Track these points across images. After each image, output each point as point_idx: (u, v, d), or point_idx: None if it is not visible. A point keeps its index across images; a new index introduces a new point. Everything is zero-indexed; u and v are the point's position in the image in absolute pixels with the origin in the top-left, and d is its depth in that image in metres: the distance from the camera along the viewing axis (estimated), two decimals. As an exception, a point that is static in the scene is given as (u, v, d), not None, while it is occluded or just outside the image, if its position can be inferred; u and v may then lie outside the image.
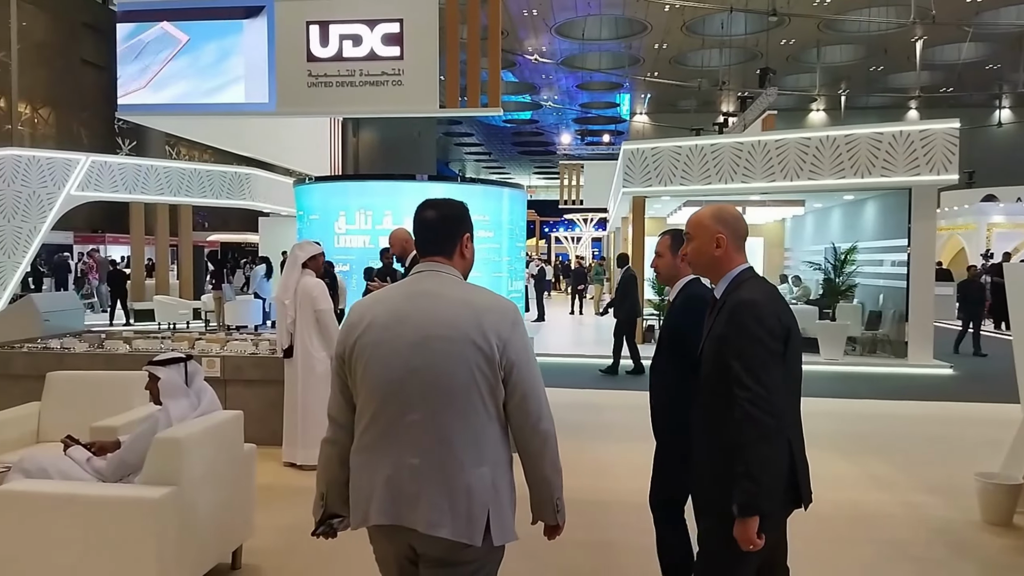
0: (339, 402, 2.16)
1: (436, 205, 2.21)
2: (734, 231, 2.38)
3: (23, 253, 13.94)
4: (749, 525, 2.11)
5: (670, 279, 3.20)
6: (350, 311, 2.15)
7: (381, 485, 2.00)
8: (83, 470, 3.52)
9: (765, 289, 2.31)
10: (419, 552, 2.01)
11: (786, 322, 2.24)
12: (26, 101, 25.19)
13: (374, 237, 10.60)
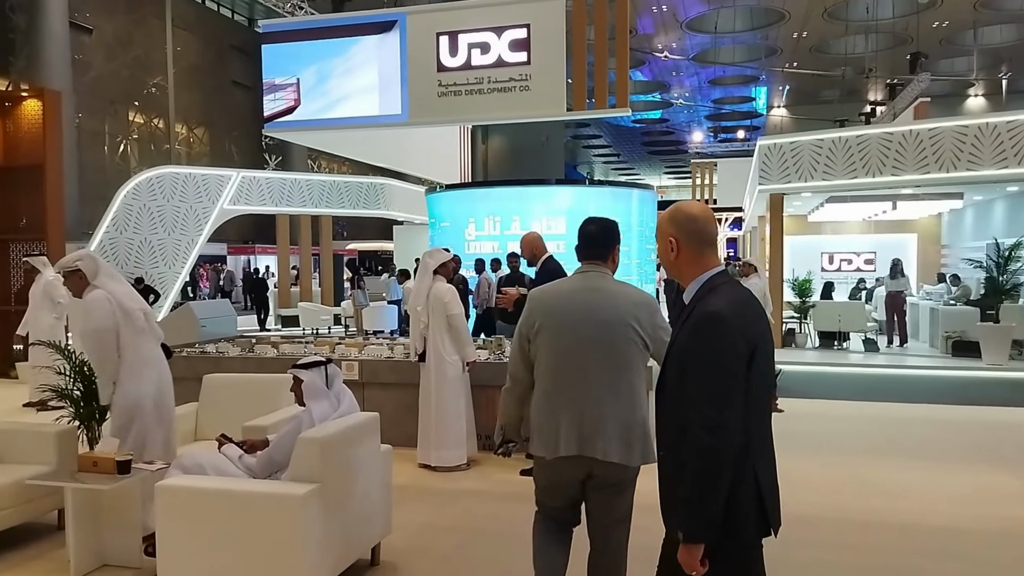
0: (519, 364, 2.98)
1: (597, 222, 2.99)
2: (689, 232, 2.17)
3: (182, 263, 15.12)
4: (692, 552, 1.98)
5: None
6: (530, 298, 2.97)
7: (565, 426, 2.79)
8: (236, 467, 3.71)
9: (734, 299, 2.10)
10: (594, 475, 2.81)
11: (752, 337, 2.04)
12: (182, 122, 27.38)
13: (503, 242, 10.68)
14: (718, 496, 1.97)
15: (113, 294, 4.09)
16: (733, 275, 11.90)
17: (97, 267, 4.16)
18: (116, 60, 24.21)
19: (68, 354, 4.01)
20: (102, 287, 4.10)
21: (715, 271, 2.17)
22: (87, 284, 4.11)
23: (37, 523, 4.34)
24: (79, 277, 4.11)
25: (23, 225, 10.30)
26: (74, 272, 4.11)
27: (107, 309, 4.02)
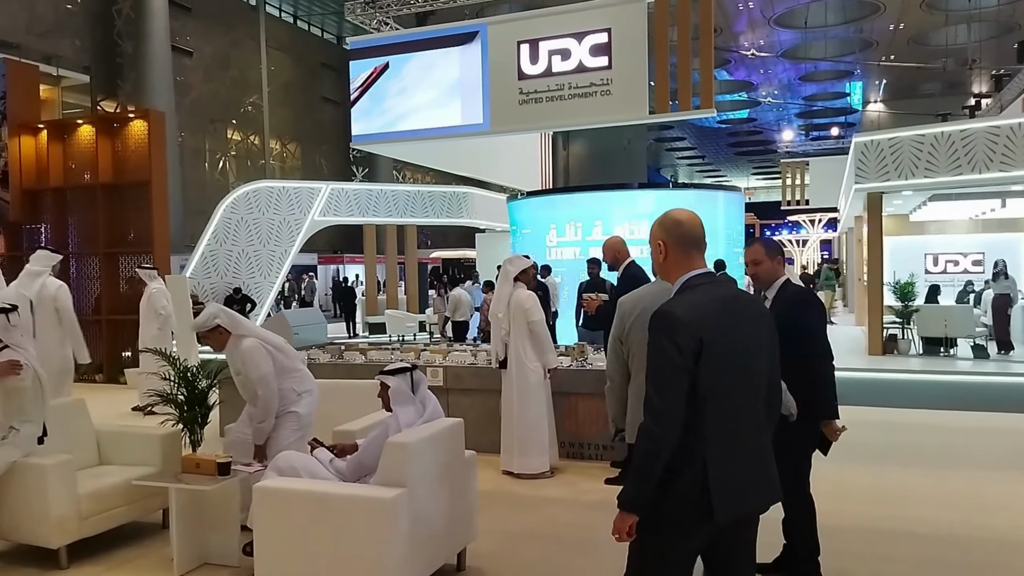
0: (615, 365, 3.34)
1: None
2: (675, 236, 2.36)
3: (276, 273, 15.72)
4: (623, 518, 2.21)
5: (768, 282, 3.54)
6: (621, 303, 3.28)
7: None
8: (327, 470, 3.82)
9: (694, 301, 2.25)
10: None
11: (707, 336, 2.17)
12: (276, 137, 28.52)
13: (584, 248, 10.63)
14: (651, 477, 2.17)
15: (261, 337, 4.29)
16: (827, 276, 11.33)
17: (232, 318, 4.30)
18: (215, 81, 25.47)
19: (173, 361, 4.22)
20: (248, 334, 4.27)
21: (696, 272, 2.32)
22: (228, 336, 4.25)
23: (144, 522, 4.58)
24: (220, 333, 4.25)
25: (131, 239, 10.94)
26: (214, 329, 4.25)
27: (263, 354, 4.20)
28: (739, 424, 2.25)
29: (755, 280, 3.67)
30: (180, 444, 4.47)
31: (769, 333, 2.35)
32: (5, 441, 3.92)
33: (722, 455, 2.21)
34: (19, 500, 3.95)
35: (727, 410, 2.23)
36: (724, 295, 2.31)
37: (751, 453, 2.30)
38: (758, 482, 2.31)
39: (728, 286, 2.36)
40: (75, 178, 11.20)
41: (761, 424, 2.32)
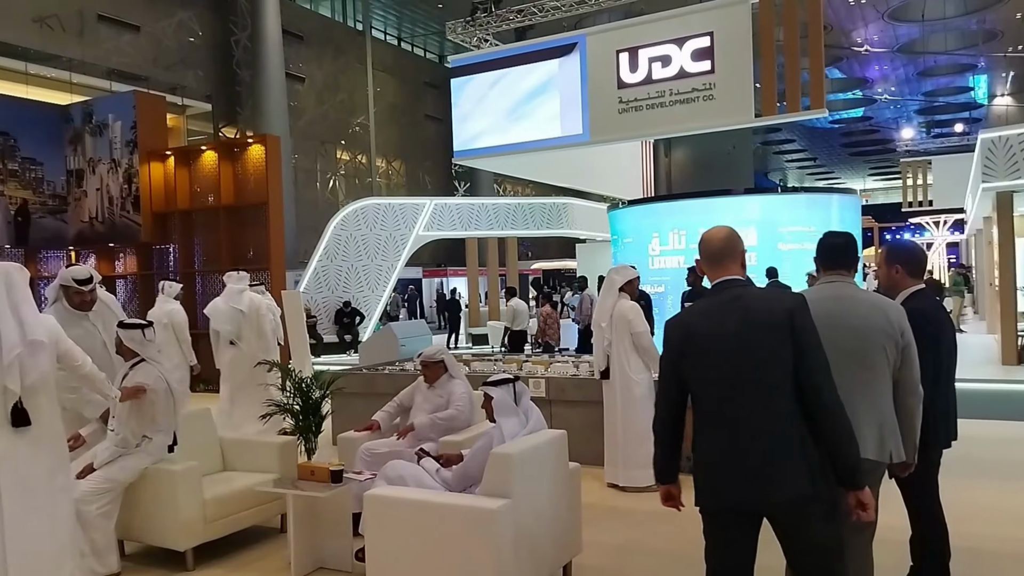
0: None
1: (841, 235, 3.03)
2: (705, 252, 2.67)
3: (384, 287, 16.22)
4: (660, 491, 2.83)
5: (889, 291, 3.34)
6: None
7: None
8: (433, 479, 3.89)
9: (696, 306, 2.67)
10: None
11: (692, 335, 2.52)
12: (381, 156, 29.51)
13: (688, 256, 10.40)
14: (654, 451, 2.74)
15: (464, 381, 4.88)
16: (956, 281, 10.47)
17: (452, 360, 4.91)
18: (325, 104, 26.65)
19: (289, 372, 4.41)
20: (457, 376, 4.88)
21: (717, 280, 2.61)
22: (445, 373, 4.83)
23: (264, 526, 4.80)
24: (442, 368, 4.84)
25: (251, 256, 11.56)
26: (438, 363, 4.83)
27: (474, 394, 4.75)
28: (725, 417, 2.44)
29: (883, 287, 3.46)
30: (296, 452, 4.66)
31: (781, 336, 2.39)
32: (138, 449, 4.20)
33: (706, 445, 2.51)
34: (150, 504, 4.22)
35: (711, 402, 2.48)
36: (725, 298, 2.53)
37: (741, 447, 2.40)
38: (750, 476, 2.39)
39: (738, 291, 2.53)
40: (200, 201, 11.96)
41: (763, 420, 2.39)
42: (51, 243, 12.73)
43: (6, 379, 3.33)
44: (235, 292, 7.46)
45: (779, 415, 2.38)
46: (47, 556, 3.48)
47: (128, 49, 20.25)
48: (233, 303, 7.39)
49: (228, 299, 7.44)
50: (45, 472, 3.50)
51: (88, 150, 12.46)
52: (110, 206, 12.27)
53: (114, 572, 4.10)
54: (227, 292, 7.54)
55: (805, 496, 2.35)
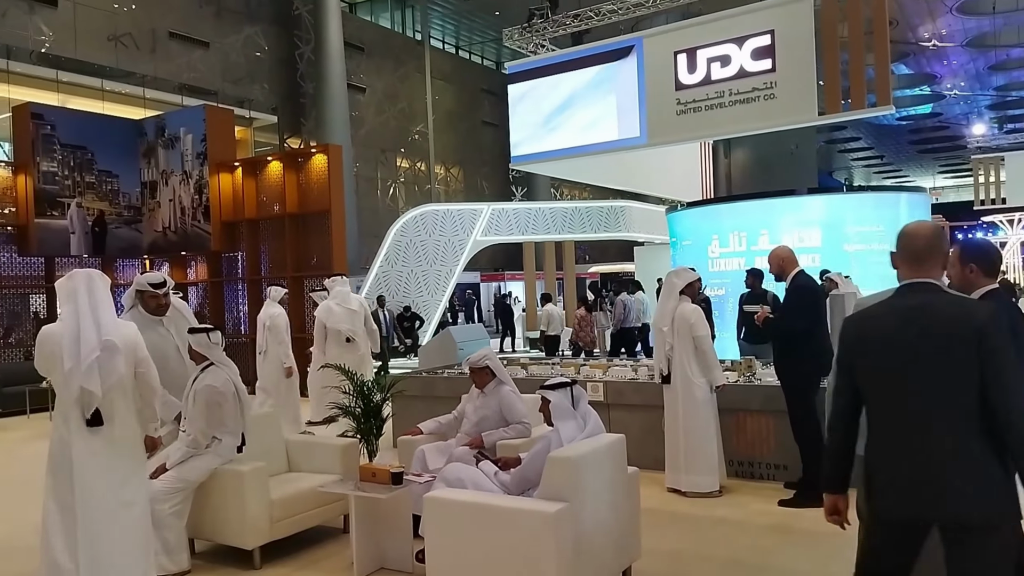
0: None
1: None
2: (906, 249, 2.48)
3: (443, 292, 16.39)
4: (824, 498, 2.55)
5: (962, 291, 3.13)
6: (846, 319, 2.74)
7: None
8: (492, 482, 3.92)
9: (873, 309, 2.52)
10: None
11: (865, 339, 2.43)
12: (440, 163, 29.85)
13: (750, 258, 10.21)
14: (825, 458, 2.56)
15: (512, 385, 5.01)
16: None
17: None
18: (385, 113, 27.13)
19: (351, 376, 4.51)
20: (506, 382, 4.96)
21: (911, 281, 2.45)
22: (493, 378, 4.89)
23: (328, 526, 4.91)
24: (487, 373, 4.88)
25: (314, 263, 11.84)
26: (483, 369, 4.88)
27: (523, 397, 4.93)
28: (900, 425, 2.33)
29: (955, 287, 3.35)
30: (358, 454, 4.76)
31: (966, 351, 2.23)
32: (208, 450, 4.35)
33: (879, 453, 2.38)
34: (219, 504, 4.36)
35: (884, 410, 2.38)
36: (912, 303, 2.38)
37: (915, 458, 2.29)
38: (924, 488, 2.27)
39: (929, 297, 2.38)
40: (266, 210, 12.32)
41: (942, 434, 2.26)
42: (127, 252, 13.29)
43: (86, 381, 3.51)
44: (344, 294, 8.22)
45: (959, 430, 2.26)
46: (122, 552, 3.63)
47: (198, 65, 21.01)
48: (345, 304, 8.16)
49: (339, 301, 8.18)
50: (120, 471, 3.67)
51: (161, 162, 12.97)
52: (182, 216, 12.74)
53: (185, 570, 4.25)
54: (335, 295, 8.28)
55: (989, 516, 2.21)
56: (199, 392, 4.31)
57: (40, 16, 17.66)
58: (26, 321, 12.32)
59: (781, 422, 5.54)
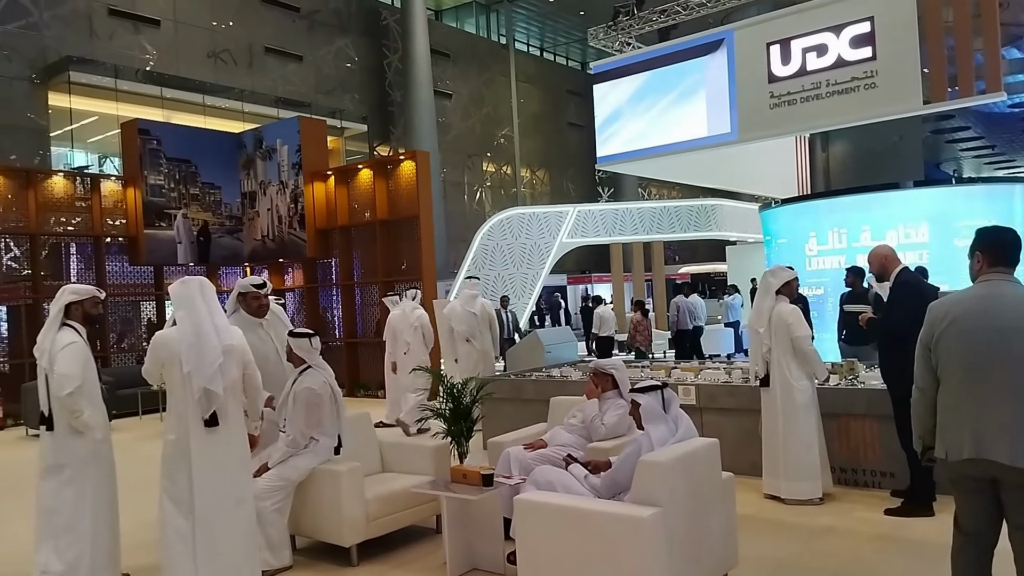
0: (924, 374, 3.09)
1: (1009, 231, 3.07)
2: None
3: (529, 294, 16.43)
4: None
5: None
6: (931, 308, 3.08)
7: (967, 430, 2.87)
8: (582, 486, 3.87)
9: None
10: (998, 479, 2.84)
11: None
12: (526, 166, 29.97)
13: (850, 256, 9.77)
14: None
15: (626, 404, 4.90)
16: None
17: None
18: (471, 118, 27.48)
19: (443, 378, 4.56)
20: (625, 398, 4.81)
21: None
22: (613, 389, 4.85)
23: (421, 526, 4.98)
24: (610, 382, 4.85)
25: (404, 268, 12.08)
26: (607, 376, 4.85)
27: None
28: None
29: None
30: (448, 455, 4.80)
31: None
32: (307, 450, 4.49)
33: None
34: (318, 502, 4.49)
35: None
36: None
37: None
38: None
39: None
40: (357, 217, 12.67)
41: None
42: (229, 260, 13.93)
43: (211, 383, 3.69)
44: (469, 297, 8.95)
45: None
46: (235, 548, 3.79)
47: (293, 78, 21.86)
48: (468, 307, 8.88)
49: (464, 303, 8.94)
50: (233, 469, 3.84)
51: (259, 173, 13.53)
52: (279, 224, 13.26)
53: (287, 565, 4.40)
54: (462, 297, 9.08)
55: None
56: (298, 394, 4.45)
57: (145, 36, 18.77)
58: (137, 327, 13.09)
59: (886, 427, 5.26)
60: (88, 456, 4.11)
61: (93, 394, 4.14)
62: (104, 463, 4.21)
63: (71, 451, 4.07)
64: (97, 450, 4.16)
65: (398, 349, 8.89)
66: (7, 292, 11.38)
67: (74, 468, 4.06)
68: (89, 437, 4.10)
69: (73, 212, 12.32)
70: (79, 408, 4.00)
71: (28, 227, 11.53)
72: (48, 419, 4.07)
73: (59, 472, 4.06)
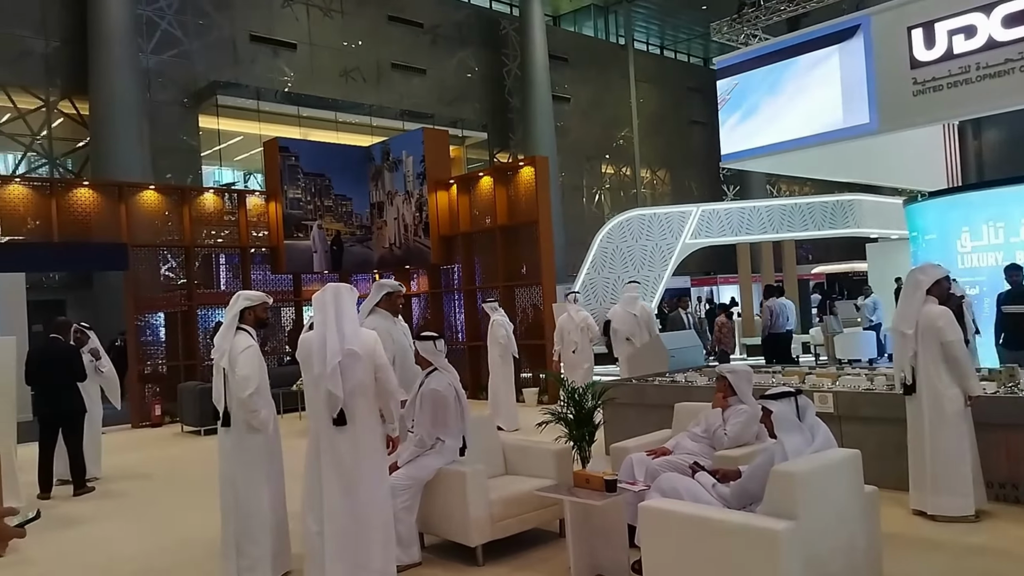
0: None
1: None
2: None
3: (650, 298, 16.12)
4: None
5: None
6: None
7: None
8: (709, 494, 3.74)
9: None
10: None
11: None
12: (646, 166, 29.50)
13: (1008, 252, 8.96)
14: None
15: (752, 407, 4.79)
16: None
17: None
18: (589, 121, 27.39)
19: (565, 384, 4.54)
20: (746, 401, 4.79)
21: None
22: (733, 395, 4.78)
23: (544, 529, 4.98)
24: (727, 386, 4.78)
25: (524, 273, 12.18)
26: (723, 380, 4.81)
27: None
28: None
29: None
30: (571, 459, 4.78)
31: None
32: (432, 450, 4.60)
33: None
34: (444, 502, 4.58)
35: None
36: None
37: None
38: None
39: None
40: (478, 223, 12.90)
41: None
42: (360, 268, 14.56)
43: (330, 384, 3.89)
44: (630, 300, 9.79)
45: None
46: (367, 541, 3.95)
47: (417, 91, 22.59)
48: (629, 309, 9.69)
49: (625, 306, 9.77)
50: (363, 467, 4.01)
51: (386, 184, 14.06)
52: (405, 232, 13.72)
53: (416, 561, 4.52)
54: (623, 300, 9.96)
55: None
56: (424, 395, 4.58)
57: (283, 59, 19.97)
58: (279, 332, 13.90)
59: (1054, 440, 4.77)
60: (261, 450, 4.48)
61: (266, 393, 4.53)
62: (275, 457, 4.59)
63: (247, 445, 4.46)
64: (269, 445, 4.54)
65: (566, 349, 9.69)
66: (165, 300, 12.40)
67: (249, 461, 4.44)
68: (263, 433, 4.47)
69: (222, 225, 13.26)
70: (256, 407, 4.38)
71: (183, 240, 12.50)
72: (226, 416, 4.44)
73: None
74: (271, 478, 4.51)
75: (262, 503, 4.42)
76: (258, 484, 4.43)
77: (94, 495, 7.12)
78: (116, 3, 16.23)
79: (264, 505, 4.42)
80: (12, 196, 11.01)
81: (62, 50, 16.67)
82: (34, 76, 16.51)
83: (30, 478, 6.99)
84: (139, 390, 11.70)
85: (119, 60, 16.23)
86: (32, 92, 16.55)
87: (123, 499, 7.00)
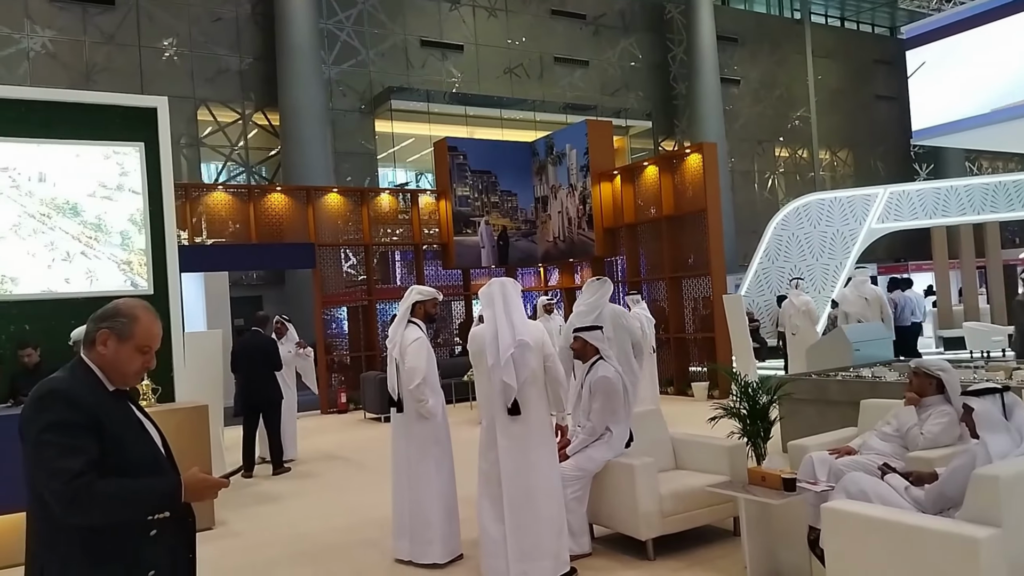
0: None
1: None
2: None
3: (831, 287, 15.14)
4: None
5: None
6: None
7: None
8: (901, 498, 3.49)
9: None
10: None
11: None
12: (825, 147, 27.69)
13: None
14: None
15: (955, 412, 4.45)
16: None
17: None
18: (761, 103, 26.15)
19: (738, 379, 4.41)
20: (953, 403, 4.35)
21: None
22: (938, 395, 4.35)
23: (717, 527, 4.86)
24: (934, 387, 4.29)
25: (691, 263, 11.87)
26: (932, 379, 4.34)
27: None
28: None
29: None
30: (744, 456, 4.62)
31: None
32: (600, 441, 4.62)
33: None
34: (613, 494, 4.59)
35: None
36: None
37: None
38: None
39: None
40: (643, 214, 12.73)
41: None
42: (525, 262, 14.85)
43: (504, 375, 4.03)
44: (860, 283, 10.26)
45: None
46: (540, 527, 4.07)
47: (579, 83, 22.65)
48: (860, 292, 10.14)
49: (855, 289, 10.27)
50: (537, 455, 4.13)
51: (550, 178, 14.23)
52: (568, 226, 13.82)
53: (586, 552, 4.57)
54: (853, 283, 10.47)
55: None
56: (595, 383, 4.62)
57: (450, 61, 20.75)
58: (450, 324, 14.50)
59: None
60: (430, 436, 4.74)
61: (435, 383, 4.79)
62: (443, 443, 4.83)
63: (416, 431, 4.73)
64: (437, 431, 4.78)
65: (787, 332, 10.45)
66: (347, 295, 13.33)
67: (419, 446, 4.72)
68: (432, 420, 4.73)
69: (397, 224, 14.04)
70: (424, 397, 4.65)
71: (362, 239, 13.36)
72: (398, 403, 4.76)
73: None
74: (440, 463, 4.74)
75: (431, 486, 4.65)
76: (427, 468, 4.68)
77: (290, 475, 7.82)
78: (301, 19, 17.61)
79: (433, 489, 4.65)
80: (216, 202, 12.28)
81: (255, 66, 18.35)
82: (231, 92, 18.30)
83: (234, 457, 7.79)
84: (326, 379, 12.67)
85: (304, 73, 17.60)
86: (230, 106, 18.35)
87: (316, 479, 7.63)
